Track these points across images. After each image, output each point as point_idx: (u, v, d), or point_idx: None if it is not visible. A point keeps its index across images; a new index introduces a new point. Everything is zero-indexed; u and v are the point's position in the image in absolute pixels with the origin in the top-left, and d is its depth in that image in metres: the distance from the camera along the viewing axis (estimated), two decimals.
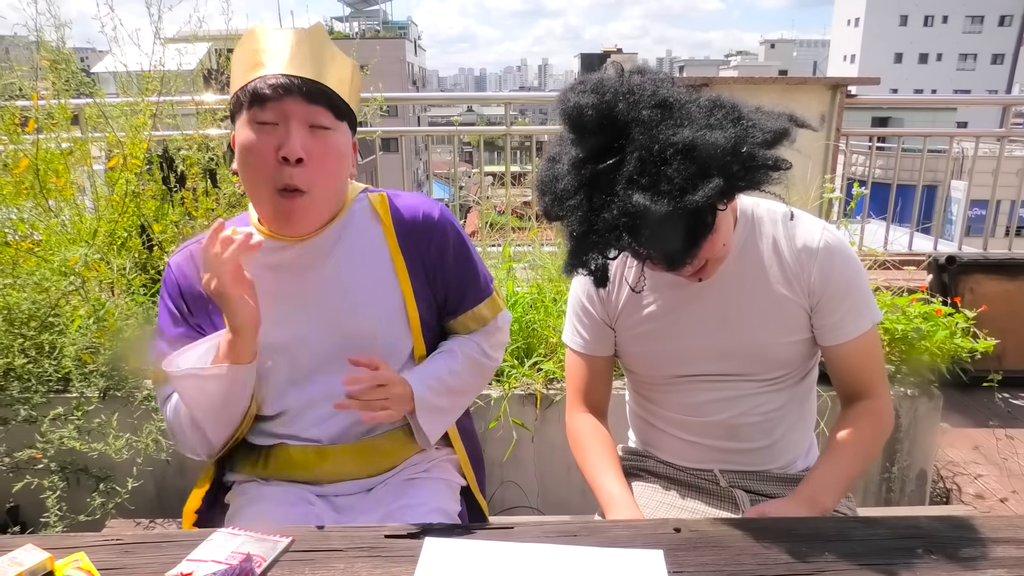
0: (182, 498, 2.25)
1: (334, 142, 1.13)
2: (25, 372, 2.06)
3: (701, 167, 0.98)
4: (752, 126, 1.04)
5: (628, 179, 1.00)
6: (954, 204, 7.62)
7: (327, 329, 1.22)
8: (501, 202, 3.75)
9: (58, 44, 2.50)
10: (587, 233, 1.04)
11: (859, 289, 1.23)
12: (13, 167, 2.38)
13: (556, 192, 1.08)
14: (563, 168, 1.07)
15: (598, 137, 1.04)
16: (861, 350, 1.24)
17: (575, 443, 1.37)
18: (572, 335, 1.39)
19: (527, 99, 4.90)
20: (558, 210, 1.08)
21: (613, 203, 1.00)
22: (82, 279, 2.21)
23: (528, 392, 2.24)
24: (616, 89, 1.05)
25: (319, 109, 1.09)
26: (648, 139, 1.01)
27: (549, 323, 2.41)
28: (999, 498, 2.38)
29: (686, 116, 1.03)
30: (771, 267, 1.24)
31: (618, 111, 1.03)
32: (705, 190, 0.98)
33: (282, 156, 1.08)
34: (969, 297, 3.15)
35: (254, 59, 1.10)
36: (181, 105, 2.71)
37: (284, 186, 1.10)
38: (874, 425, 1.25)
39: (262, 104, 1.07)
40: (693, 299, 1.27)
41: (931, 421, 2.31)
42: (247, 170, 1.12)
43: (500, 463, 2.26)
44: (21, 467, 1.96)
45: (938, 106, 18.41)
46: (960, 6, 49.43)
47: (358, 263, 1.23)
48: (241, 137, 1.11)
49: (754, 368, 1.26)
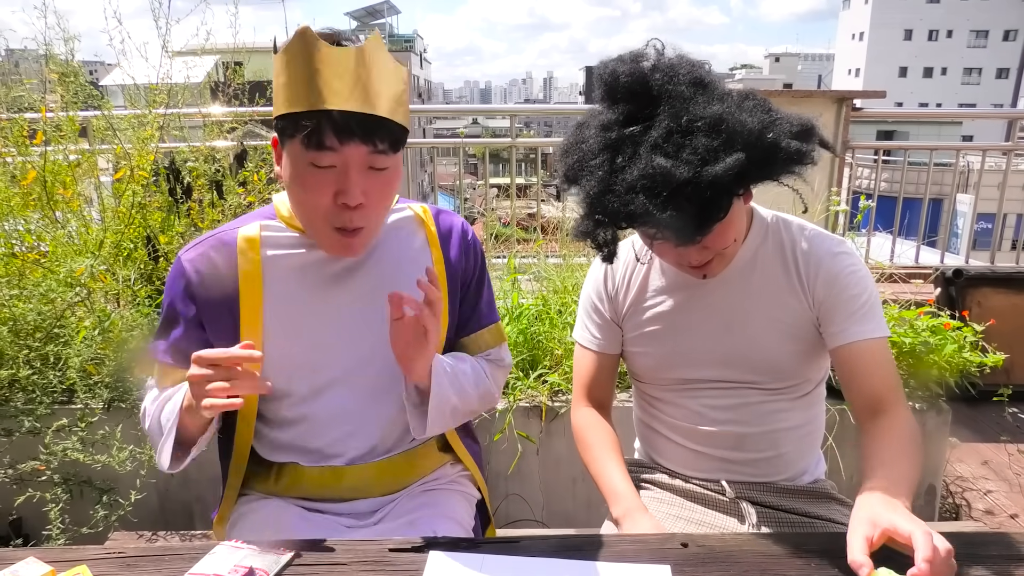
0: (186, 510, 2.25)
1: (389, 177, 1.08)
2: (30, 383, 2.06)
3: (726, 142, 1.01)
4: (780, 118, 1.07)
5: (653, 144, 1.03)
6: (960, 217, 7.61)
7: (357, 337, 1.17)
8: (506, 214, 3.75)
9: (67, 57, 2.53)
10: (604, 193, 1.05)
11: (866, 298, 1.19)
12: (21, 179, 2.40)
13: (580, 152, 1.10)
14: (590, 132, 1.10)
15: (629, 103, 1.07)
16: (870, 352, 1.18)
17: (579, 437, 1.38)
18: (582, 331, 1.41)
19: (532, 111, 4.93)
20: (579, 170, 1.10)
21: (635, 166, 1.02)
22: (88, 290, 2.21)
23: (533, 404, 2.23)
24: (654, 62, 1.08)
25: (382, 148, 1.03)
26: (679, 110, 1.04)
27: (554, 335, 2.40)
28: (1009, 514, 2.36)
29: (718, 96, 1.06)
30: (780, 275, 1.24)
31: (653, 81, 1.06)
32: (726, 163, 0.99)
33: (342, 203, 1.03)
34: (976, 310, 3.13)
35: (309, 81, 0.99)
36: (188, 117, 2.73)
37: (343, 227, 1.06)
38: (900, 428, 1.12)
39: (320, 148, 1.01)
40: (699, 302, 1.27)
41: (940, 436, 2.28)
42: (301, 206, 1.08)
43: (505, 476, 2.24)
44: (24, 479, 1.96)
45: (944, 119, 18.40)
46: (964, 21, 49.60)
47: (398, 271, 1.19)
48: (295, 170, 1.05)
49: (758, 375, 1.26)
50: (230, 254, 1.14)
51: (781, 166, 1.06)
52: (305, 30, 1.00)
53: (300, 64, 1.00)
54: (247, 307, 1.13)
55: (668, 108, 1.04)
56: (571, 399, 1.45)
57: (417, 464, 1.28)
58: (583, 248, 3.04)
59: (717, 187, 1.01)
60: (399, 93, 1.06)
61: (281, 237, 1.16)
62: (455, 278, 1.24)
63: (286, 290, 1.14)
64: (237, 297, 1.13)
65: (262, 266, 1.14)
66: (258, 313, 1.13)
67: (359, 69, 1.00)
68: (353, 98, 1.00)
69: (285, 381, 1.15)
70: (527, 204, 4.69)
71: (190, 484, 2.21)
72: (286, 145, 1.05)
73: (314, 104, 0.99)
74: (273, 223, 1.18)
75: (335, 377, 1.17)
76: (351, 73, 1.00)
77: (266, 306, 1.14)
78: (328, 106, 0.99)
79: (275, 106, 1.06)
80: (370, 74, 1.01)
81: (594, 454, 1.32)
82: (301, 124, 1.00)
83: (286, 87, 1.02)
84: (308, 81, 0.99)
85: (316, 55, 0.99)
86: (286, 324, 1.14)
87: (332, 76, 0.99)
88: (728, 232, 1.13)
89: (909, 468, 1.06)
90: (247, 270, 1.14)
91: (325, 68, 0.99)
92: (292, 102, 1.01)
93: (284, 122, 1.04)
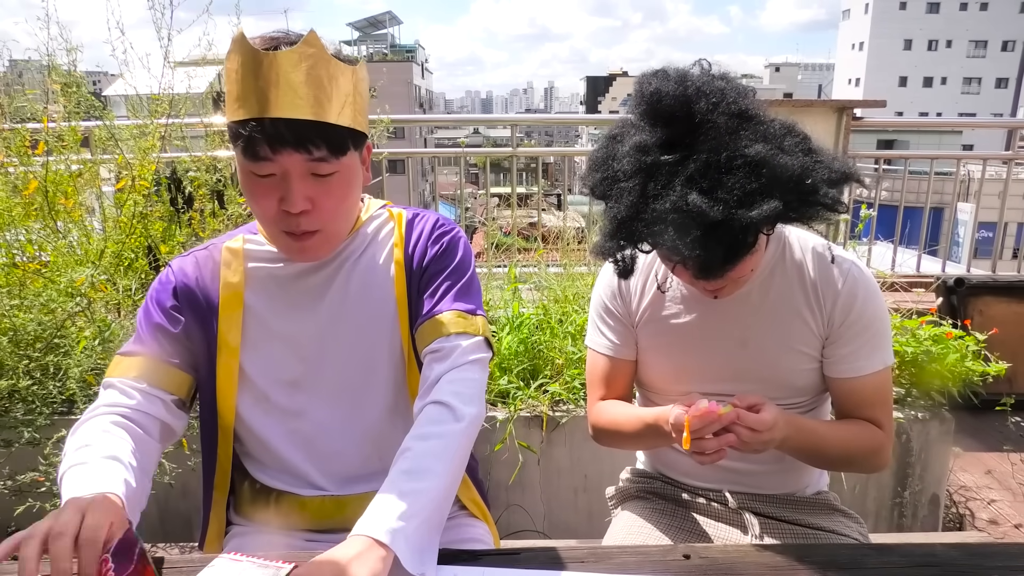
0: (185, 522, 2.24)
1: (338, 181, 1.04)
2: (30, 394, 2.05)
3: (764, 186, 0.98)
4: (820, 162, 1.04)
5: (689, 177, 1.00)
6: (960, 226, 7.60)
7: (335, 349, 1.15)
8: (507, 223, 3.76)
9: (69, 68, 2.54)
10: (632, 220, 1.04)
11: (877, 328, 1.20)
12: (23, 189, 2.40)
13: (611, 171, 1.08)
14: (624, 149, 1.07)
15: (670, 128, 1.04)
16: (869, 388, 1.21)
17: (601, 423, 1.34)
18: (596, 336, 1.38)
19: (533, 121, 4.95)
20: (607, 189, 1.08)
21: (667, 196, 1.00)
22: (88, 300, 2.21)
23: (534, 414, 2.22)
24: (700, 87, 1.04)
25: (319, 156, 0.99)
26: (719, 144, 1.01)
27: (555, 344, 2.39)
28: (1013, 524, 2.34)
29: (761, 133, 1.03)
30: (796, 293, 1.23)
31: (697, 108, 1.03)
32: (762, 209, 0.97)
33: (283, 209, 1.01)
34: (978, 319, 3.12)
35: (244, 85, 0.97)
36: (190, 127, 2.74)
37: (290, 231, 1.05)
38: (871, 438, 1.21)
39: (256, 159, 0.98)
40: (715, 315, 1.26)
41: (943, 445, 2.27)
42: (254, 212, 1.07)
43: (506, 486, 2.23)
44: (23, 490, 1.95)
45: (944, 129, 18.42)
46: (963, 31, 49.83)
47: (367, 277, 1.16)
48: (242, 178, 1.04)
49: (769, 390, 1.25)
50: (215, 265, 1.15)
51: (815, 213, 1.05)
52: (240, 36, 0.98)
53: (240, 71, 0.97)
54: (226, 318, 1.13)
55: (709, 139, 1.01)
56: (587, 408, 1.41)
57: None
58: (584, 257, 3.04)
59: (748, 230, 1.00)
60: (344, 94, 1.01)
61: (262, 251, 1.16)
62: (413, 274, 1.17)
63: (265, 301, 1.13)
64: (217, 307, 1.13)
65: (244, 277, 1.14)
66: (237, 325, 1.13)
67: (295, 73, 0.96)
68: (287, 104, 0.96)
69: (263, 394, 1.14)
70: (528, 213, 4.69)
71: (190, 496, 2.20)
72: (235, 153, 1.03)
73: (252, 112, 0.96)
74: (256, 237, 1.18)
75: (315, 391, 1.15)
76: (286, 78, 0.96)
77: (245, 316, 1.14)
78: (264, 114, 0.96)
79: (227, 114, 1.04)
80: (308, 77, 0.97)
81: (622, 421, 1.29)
82: (239, 132, 0.98)
83: (230, 94, 1.00)
84: (246, 88, 0.97)
85: (252, 61, 0.96)
86: (265, 337, 1.13)
87: (267, 82, 0.96)
88: (748, 264, 1.12)
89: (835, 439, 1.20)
90: (230, 281, 1.14)
91: (261, 73, 0.96)
92: (233, 110, 0.99)
93: (230, 131, 1.02)
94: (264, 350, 1.13)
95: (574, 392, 2.27)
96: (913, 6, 50.30)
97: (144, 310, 1.15)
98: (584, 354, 2.32)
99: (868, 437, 1.21)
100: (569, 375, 2.31)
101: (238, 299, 1.13)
